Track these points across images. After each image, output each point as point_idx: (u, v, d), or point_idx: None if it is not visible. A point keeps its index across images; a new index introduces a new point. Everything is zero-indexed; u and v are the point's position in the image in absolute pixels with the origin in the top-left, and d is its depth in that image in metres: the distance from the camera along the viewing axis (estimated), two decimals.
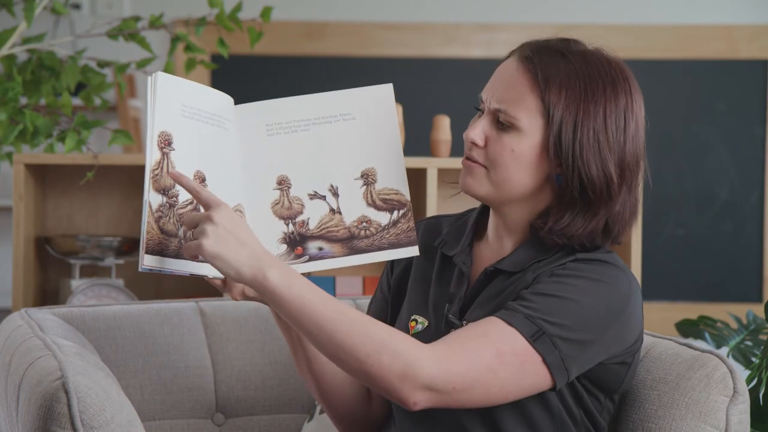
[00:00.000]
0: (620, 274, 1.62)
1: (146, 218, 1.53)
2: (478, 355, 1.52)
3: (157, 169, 1.55)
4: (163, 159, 1.56)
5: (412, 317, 1.73)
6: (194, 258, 1.55)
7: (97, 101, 3.17)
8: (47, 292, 2.87)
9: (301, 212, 1.67)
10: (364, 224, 1.67)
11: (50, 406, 1.50)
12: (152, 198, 1.54)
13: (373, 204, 1.68)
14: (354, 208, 1.67)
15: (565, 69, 1.60)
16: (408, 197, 1.69)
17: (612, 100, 1.61)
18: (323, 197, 1.68)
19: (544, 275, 1.61)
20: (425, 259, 1.76)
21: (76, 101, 4.19)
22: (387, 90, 1.72)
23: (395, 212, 1.68)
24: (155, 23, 2.95)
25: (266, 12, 2.94)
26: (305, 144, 1.69)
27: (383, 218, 1.68)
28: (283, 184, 1.68)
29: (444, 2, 4.87)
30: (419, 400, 1.51)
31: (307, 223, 1.67)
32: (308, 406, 2.13)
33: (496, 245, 1.71)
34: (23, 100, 3.17)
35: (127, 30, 2.99)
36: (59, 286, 2.86)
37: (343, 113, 1.70)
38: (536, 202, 1.65)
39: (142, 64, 3.01)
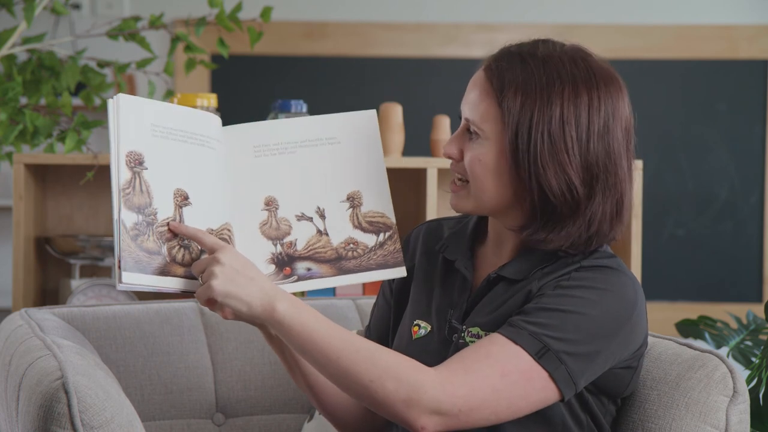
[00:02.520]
0: (625, 280, 1.61)
1: (120, 236, 1.53)
2: (483, 376, 1.53)
3: (128, 188, 1.55)
4: (135, 178, 1.57)
5: (415, 322, 1.72)
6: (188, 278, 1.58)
7: (97, 101, 3.17)
8: (47, 292, 2.87)
9: (288, 233, 1.68)
10: (351, 245, 1.68)
11: (50, 406, 1.50)
12: (125, 216, 1.54)
13: (359, 226, 1.69)
14: (341, 230, 1.68)
15: (522, 73, 1.59)
16: (393, 220, 1.70)
17: (571, 100, 1.58)
18: (310, 219, 1.69)
19: (549, 287, 1.60)
20: (427, 263, 1.76)
21: (76, 101, 4.19)
22: (371, 116, 1.74)
23: (381, 234, 1.69)
24: (155, 23, 2.95)
25: (266, 12, 2.94)
26: (292, 166, 1.70)
27: (370, 240, 1.69)
28: (270, 204, 1.69)
29: (444, 2, 4.87)
30: (426, 424, 1.52)
31: (295, 244, 1.68)
32: (308, 406, 2.13)
33: (497, 249, 1.70)
34: (23, 100, 3.17)
35: (127, 30, 2.99)
36: (59, 286, 2.86)
37: (329, 137, 1.72)
38: (522, 209, 1.63)
39: (142, 64, 3.01)
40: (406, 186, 2.92)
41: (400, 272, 1.68)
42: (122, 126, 1.58)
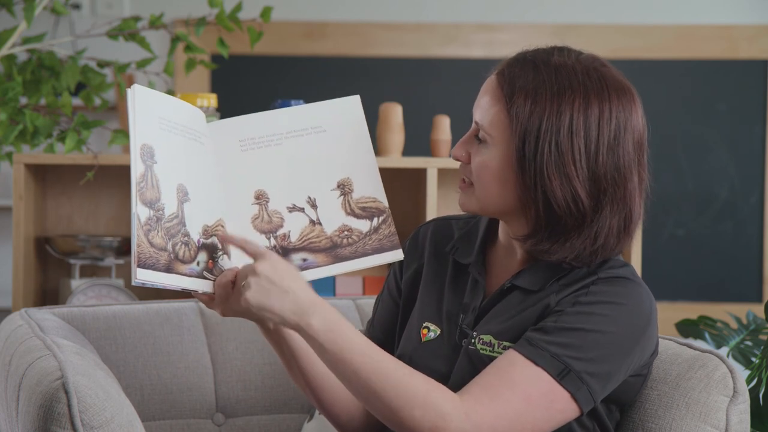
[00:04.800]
0: (641, 291, 1.61)
1: (135, 232, 1.52)
2: (507, 403, 1.53)
3: (142, 181, 1.54)
4: (147, 172, 1.56)
5: (424, 324, 1.71)
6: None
7: (97, 101, 3.17)
8: (47, 292, 2.87)
9: (281, 225, 1.67)
10: (346, 233, 1.67)
11: (50, 406, 1.50)
12: (140, 211, 1.53)
13: (352, 213, 1.68)
14: (334, 218, 1.68)
15: (533, 81, 1.57)
16: (386, 204, 1.69)
17: (581, 111, 1.56)
18: (302, 209, 1.68)
19: (567, 303, 1.59)
20: (437, 263, 1.75)
21: (76, 101, 4.19)
22: (354, 101, 1.72)
23: (375, 219, 1.68)
24: (155, 23, 2.95)
25: (266, 12, 2.94)
26: (279, 158, 1.69)
27: (364, 226, 1.68)
28: (260, 198, 1.68)
29: (444, 2, 4.87)
30: None
31: (289, 236, 1.67)
32: (308, 406, 2.13)
33: (508, 253, 1.69)
34: (23, 100, 3.17)
35: (127, 30, 2.99)
36: (59, 286, 2.86)
37: (314, 126, 1.71)
38: (527, 218, 1.61)
39: (142, 64, 3.01)
40: (406, 186, 2.92)
41: (397, 255, 1.68)
42: (138, 118, 1.57)
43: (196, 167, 1.64)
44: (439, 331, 1.69)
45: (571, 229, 1.58)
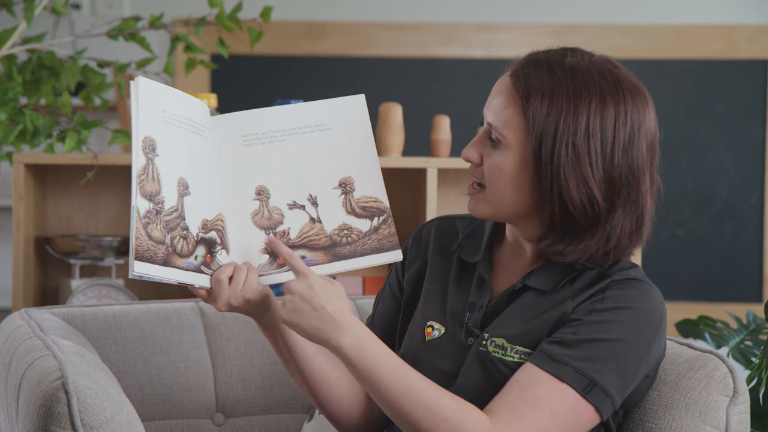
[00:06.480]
0: (653, 293, 1.61)
1: (134, 224, 1.52)
2: (535, 422, 1.53)
3: (143, 174, 1.55)
4: (148, 164, 1.56)
5: (429, 323, 1.71)
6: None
7: (97, 101, 3.18)
8: (47, 292, 2.87)
9: (281, 222, 1.67)
10: (345, 231, 1.67)
11: (50, 406, 1.50)
12: (139, 204, 1.53)
13: (352, 212, 1.68)
14: (334, 217, 1.67)
15: (549, 82, 1.56)
16: (387, 204, 1.69)
17: (597, 113, 1.55)
18: (302, 207, 1.68)
19: (584, 310, 1.59)
20: (441, 261, 1.74)
21: (76, 101, 4.19)
22: (359, 100, 1.72)
23: (375, 219, 1.68)
24: (155, 23, 2.95)
25: (266, 12, 2.94)
26: (282, 154, 1.69)
27: (364, 225, 1.68)
28: (261, 194, 1.68)
29: (444, 2, 4.87)
30: None
31: (288, 233, 1.67)
32: (308, 406, 2.13)
33: (517, 253, 1.68)
34: (23, 100, 3.17)
35: (127, 30, 2.99)
36: (59, 286, 2.86)
37: (318, 124, 1.71)
38: (541, 220, 1.61)
39: (142, 64, 3.02)
40: (405, 186, 2.92)
41: (396, 255, 1.68)
42: (141, 110, 1.57)
43: (198, 161, 1.64)
44: (443, 330, 1.69)
45: (585, 230, 1.58)
